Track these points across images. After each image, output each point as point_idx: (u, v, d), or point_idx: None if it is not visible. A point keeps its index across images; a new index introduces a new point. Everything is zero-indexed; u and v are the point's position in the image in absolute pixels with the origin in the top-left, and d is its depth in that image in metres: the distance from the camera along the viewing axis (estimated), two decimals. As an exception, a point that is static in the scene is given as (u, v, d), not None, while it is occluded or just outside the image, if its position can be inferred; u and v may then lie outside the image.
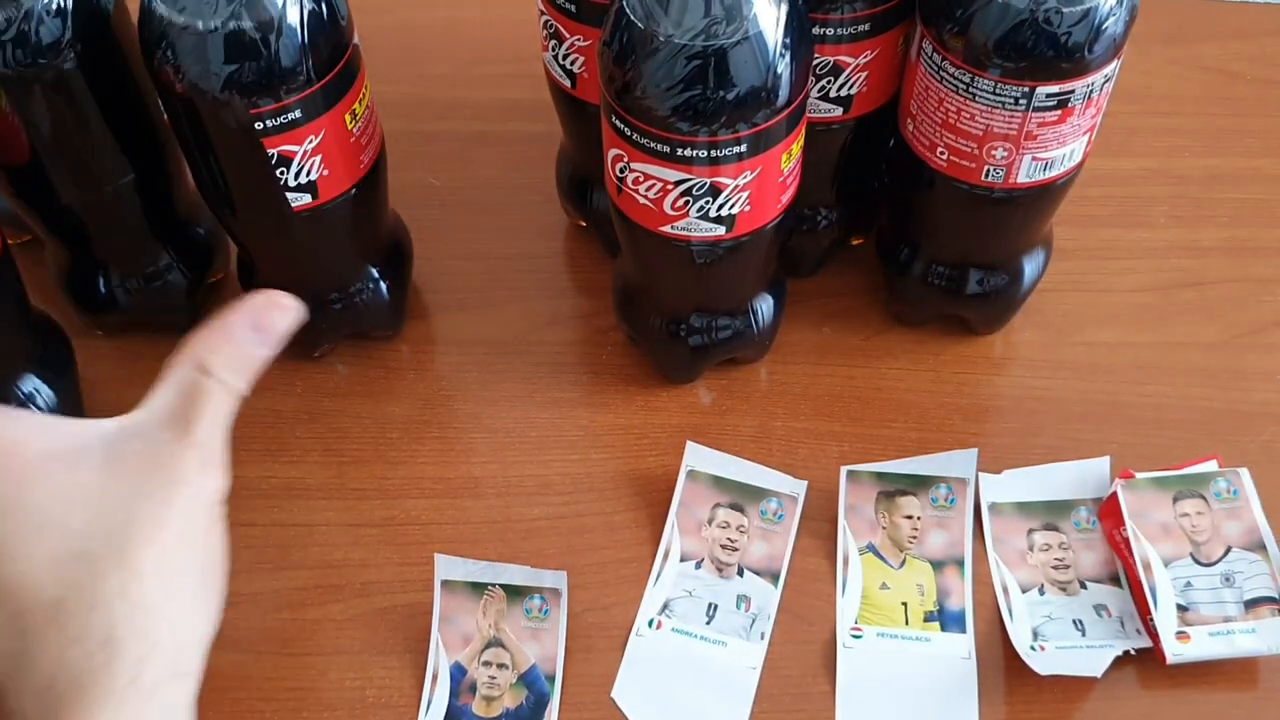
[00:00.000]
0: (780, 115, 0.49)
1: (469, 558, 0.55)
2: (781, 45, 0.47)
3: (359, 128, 0.54)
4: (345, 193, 0.55)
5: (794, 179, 0.54)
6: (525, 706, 0.53)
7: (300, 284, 0.50)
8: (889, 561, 0.56)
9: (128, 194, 0.58)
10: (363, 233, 0.60)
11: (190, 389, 0.37)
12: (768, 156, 0.50)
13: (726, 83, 0.47)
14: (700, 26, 0.46)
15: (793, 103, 0.49)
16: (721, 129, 0.48)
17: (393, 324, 0.65)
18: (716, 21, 0.46)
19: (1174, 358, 0.63)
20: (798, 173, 0.54)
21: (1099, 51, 0.49)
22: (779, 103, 0.48)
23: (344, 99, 0.52)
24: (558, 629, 0.54)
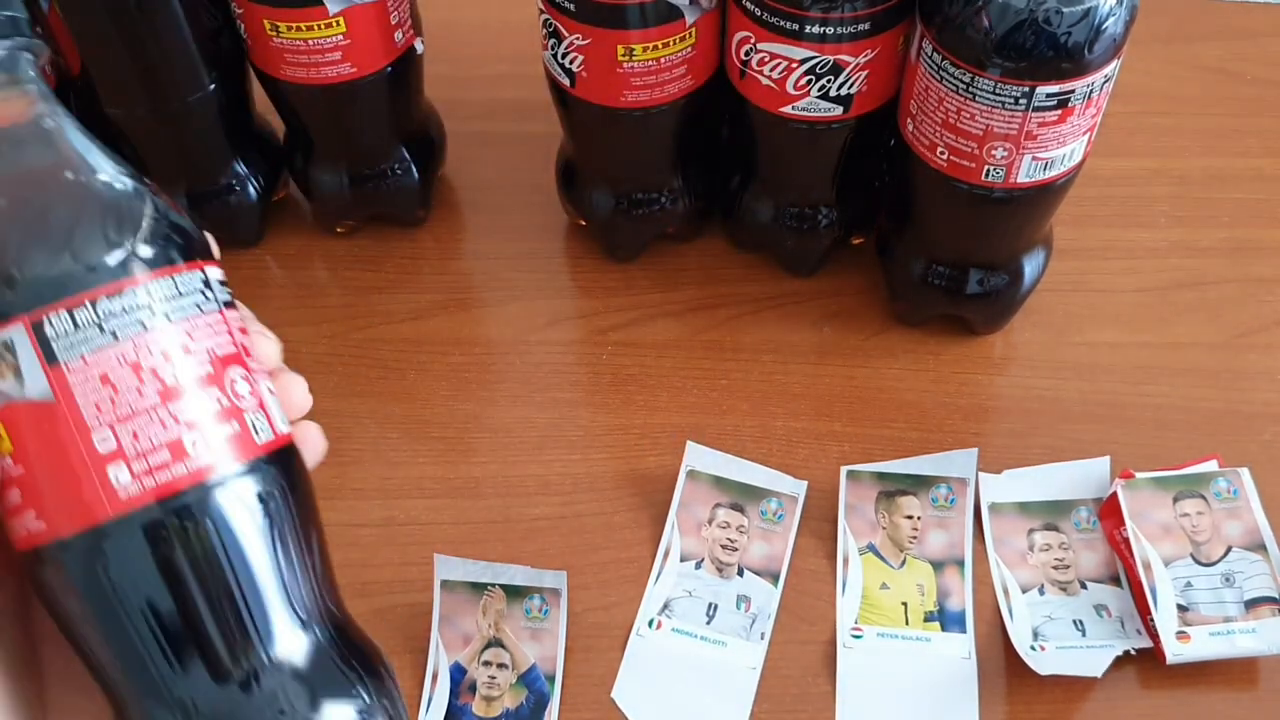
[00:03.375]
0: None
1: (469, 558, 0.55)
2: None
3: None
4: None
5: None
6: (525, 706, 0.53)
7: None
8: (889, 561, 0.56)
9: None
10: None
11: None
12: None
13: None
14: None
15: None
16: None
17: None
18: None
19: (1174, 358, 0.63)
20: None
21: (1099, 51, 0.49)
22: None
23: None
24: (558, 629, 0.54)
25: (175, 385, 0.30)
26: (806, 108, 0.57)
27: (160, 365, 0.30)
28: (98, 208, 0.31)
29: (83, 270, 0.29)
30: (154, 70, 0.60)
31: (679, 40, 0.56)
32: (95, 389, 0.29)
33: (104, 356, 0.29)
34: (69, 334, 0.29)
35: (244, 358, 0.32)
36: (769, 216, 0.64)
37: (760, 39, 0.55)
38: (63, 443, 0.29)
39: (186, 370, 0.30)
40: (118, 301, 0.30)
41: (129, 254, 0.30)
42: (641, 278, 0.68)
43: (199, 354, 0.31)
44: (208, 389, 0.31)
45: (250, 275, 0.68)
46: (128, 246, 0.30)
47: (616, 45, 0.55)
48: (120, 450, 0.29)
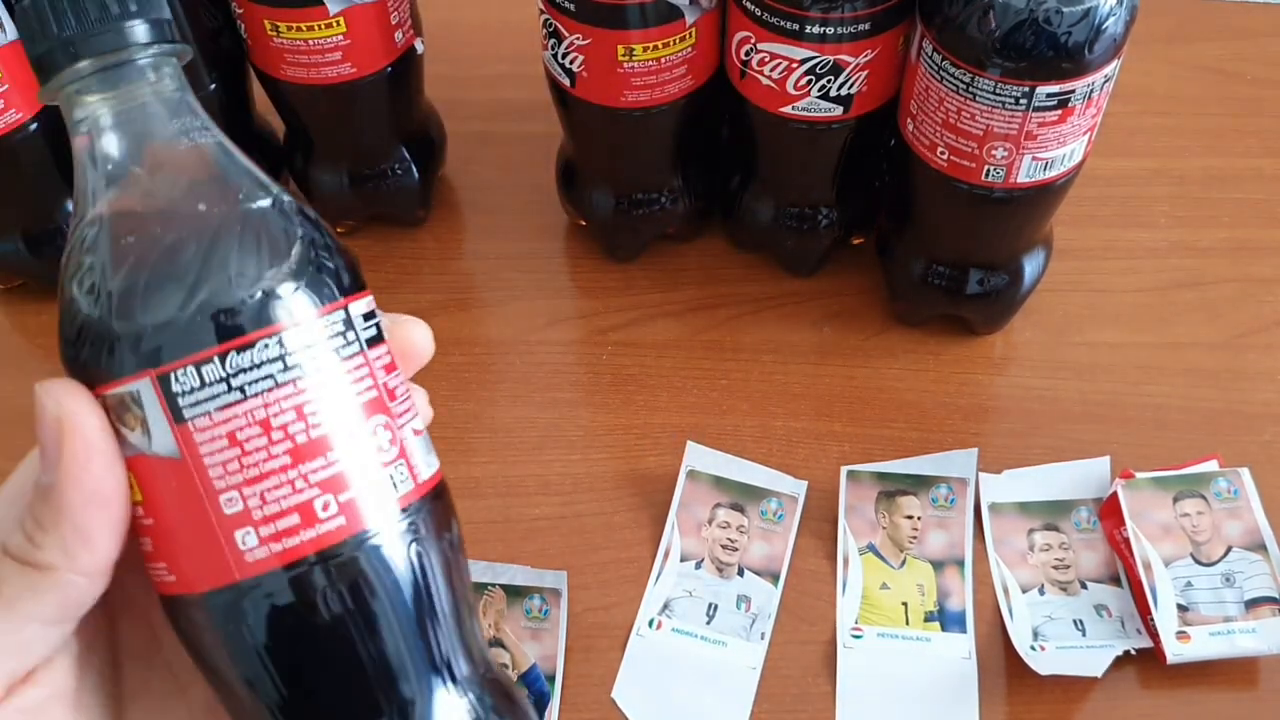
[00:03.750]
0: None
1: (469, 558, 0.55)
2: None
3: None
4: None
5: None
6: None
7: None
8: (889, 561, 0.56)
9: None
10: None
11: None
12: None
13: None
14: None
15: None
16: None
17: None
18: None
19: (1174, 358, 0.63)
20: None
21: (1099, 51, 0.49)
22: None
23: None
24: (558, 629, 0.54)
25: (306, 444, 0.28)
26: (807, 108, 0.57)
27: (291, 423, 0.28)
28: (234, 246, 0.29)
29: (213, 321, 0.28)
30: (154, 69, 0.60)
31: (679, 40, 0.56)
32: (222, 448, 0.28)
33: (231, 414, 0.28)
34: (195, 390, 0.28)
35: (385, 402, 0.30)
36: (769, 217, 0.64)
37: (760, 39, 0.55)
38: (190, 501, 0.28)
39: (320, 428, 0.28)
40: (247, 356, 0.28)
41: (263, 301, 0.28)
42: (641, 278, 0.68)
43: (334, 407, 0.29)
44: (344, 446, 0.29)
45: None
46: (262, 292, 0.28)
47: (617, 45, 0.55)
48: (247, 514, 0.28)
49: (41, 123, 0.60)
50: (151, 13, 0.30)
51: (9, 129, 0.59)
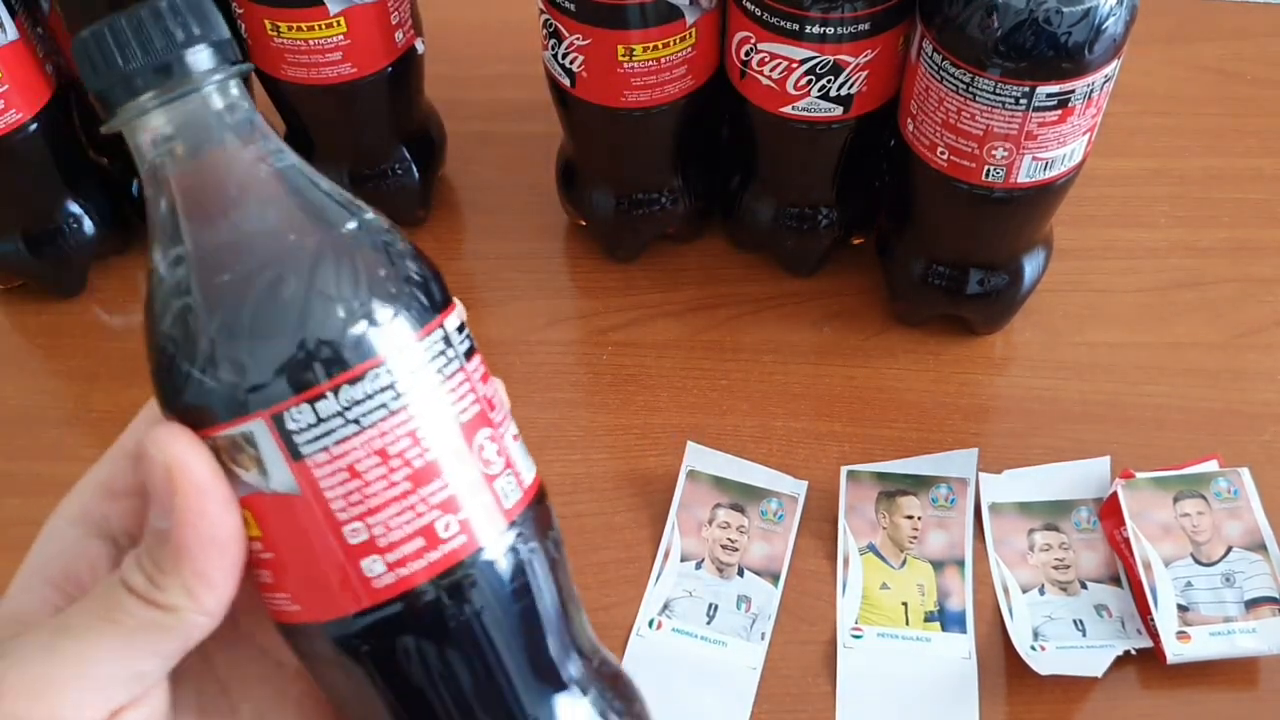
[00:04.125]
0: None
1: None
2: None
3: None
4: None
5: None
6: None
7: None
8: (889, 562, 0.56)
9: None
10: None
11: None
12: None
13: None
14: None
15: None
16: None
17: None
18: None
19: (1174, 358, 0.63)
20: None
21: (1099, 51, 0.49)
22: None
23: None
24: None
25: (424, 468, 0.28)
26: (807, 108, 0.57)
27: (408, 449, 0.28)
28: (331, 277, 0.28)
29: (322, 356, 0.28)
30: (154, 70, 0.60)
31: (679, 40, 0.56)
32: (342, 481, 0.28)
33: (349, 446, 0.28)
34: (311, 427, 0.28)
35: (487, 414, 0.31)
36: (769, 217, 0.64)
37: (760, 39, 0.55)
38: (312, 534, 0.28)
39: (434, 450, 0.29)
40: (360, 387, 0.28)
41: (368, 329, 0.28)
42: (641, 278, 0.68)
43: (445, 428, 0.29)
44: (457, 465, 0.29)
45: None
46: (367, 322, 0.28)
47: (617, 45, 0.55)
48: (372, 542, 0.28)
49: (41, 123, 0.60)
50: (213, 35, 0.29)
51: (9, 129, 0.59)
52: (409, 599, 0.28)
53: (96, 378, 0.64)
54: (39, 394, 0.64)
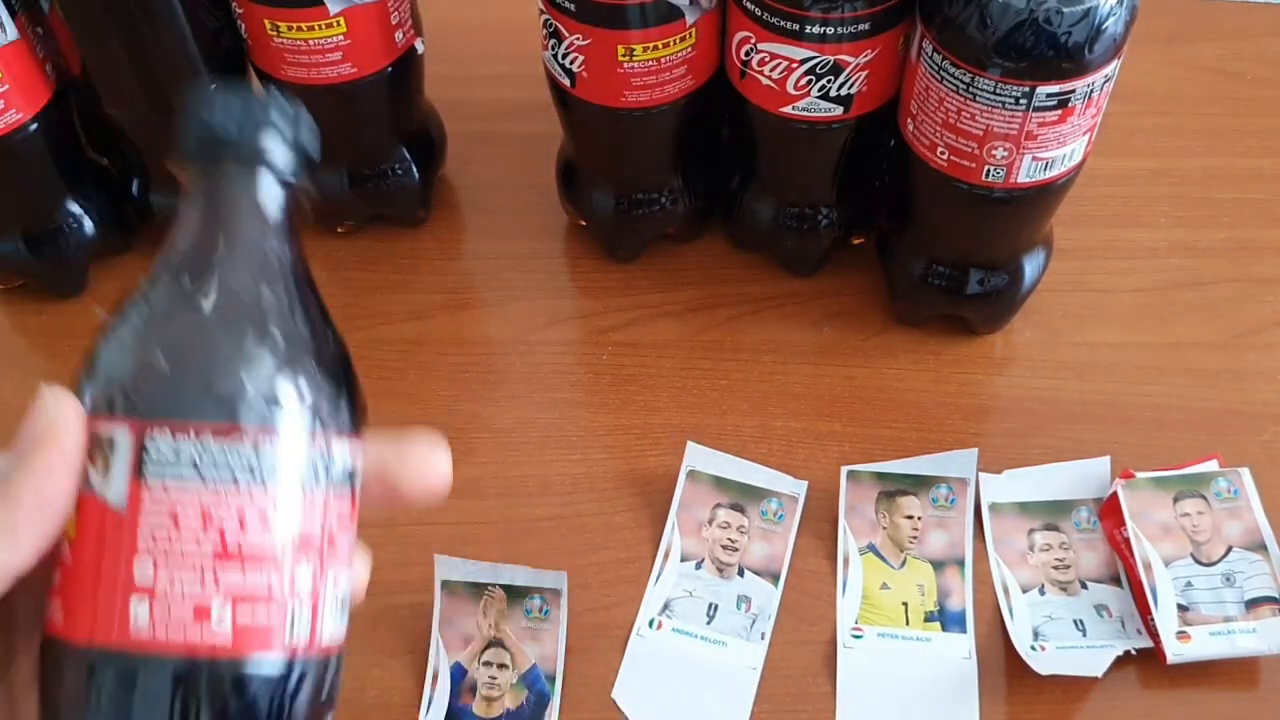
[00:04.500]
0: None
1: (469, 558, 0.55)
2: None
3: None
4: None
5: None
6: (526, 707, 0.53)
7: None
8: (889, 561, 0.56)
9: None
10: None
11: None
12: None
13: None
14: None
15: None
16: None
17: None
18: None
19: (1174, 358, 0.63)
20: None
21: (1099, 51, 0.49)
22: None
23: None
24: (558, 629, 0.54)
25: (234, 551, 0.29)
26: (807, 108, 0.57)
27: (229, 525, 0.29)
28: (263, 343, 0.30)
29: (211, 399, 0.29)
30: (154, 70, 0.59)
31: (679, 40, 0.56)
32: (162, 520, 0.29)
33: (183, 492, 0.29)
34: (163, 458, 0.29)
35: (322, 550, 0.31)
36: (769, 217, 0.64)
37: (760, 39, 0.55)
38: (110, 554, 0.29)
39: (252, 541, 0.29)
40: (222, 446, 0.29)
41: (263, 402, 0.29)
42: (641, 278, 0.68)
43: (273, 529, 0.29)
44: (263, 570, 0.29)
45: (250, 275, 0.68)
46: (266, 394, 0.29)
47: (617, 45, 0.55)
48: (151, 588, 0.28)
49: (41, 123, 0.60)
50: (306, 148, 0.33)
51: (9, 129, 0.59)
52: (151, 659, 0.28)
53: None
54: (39, 394, 0.64)
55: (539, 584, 0.55)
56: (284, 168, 0.33)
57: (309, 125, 0.33)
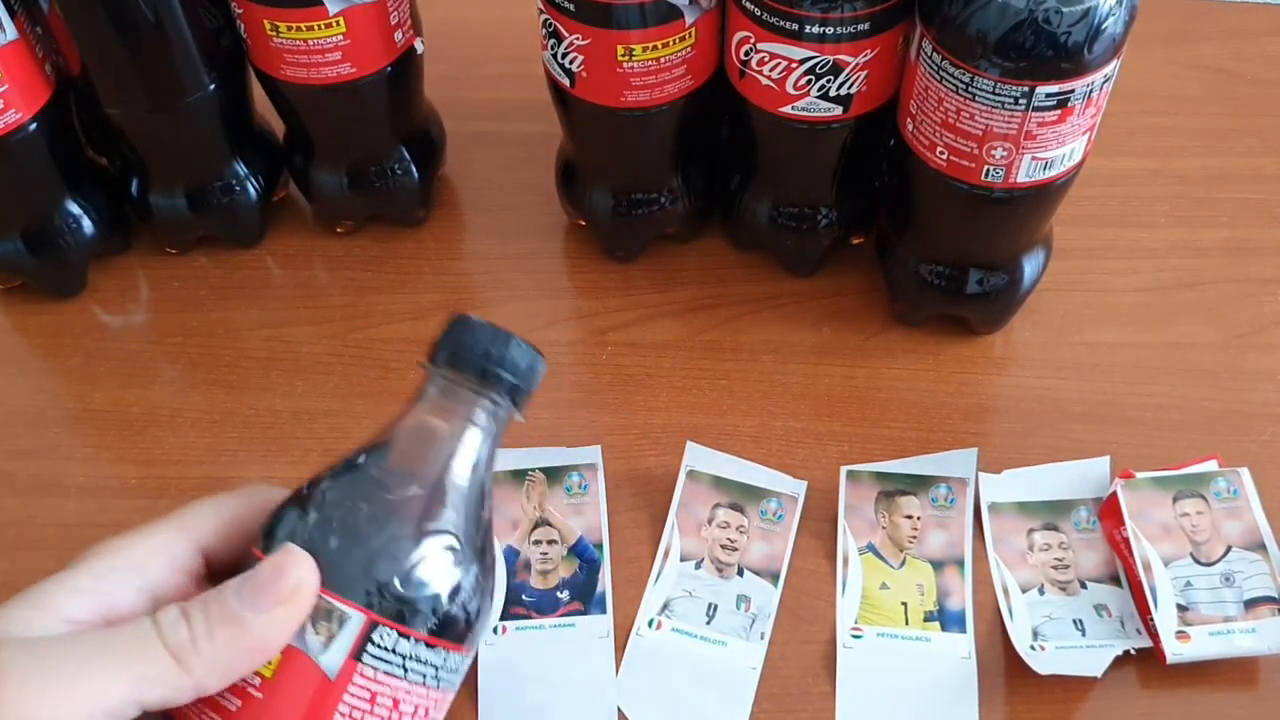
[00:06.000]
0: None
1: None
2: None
3: None
4: None
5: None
6: (580, 574, 0.56)
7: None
8: (889, 561, 0.56)
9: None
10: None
11: None
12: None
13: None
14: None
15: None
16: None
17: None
18: None
19: (1174, 358, 0.63)
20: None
21: (1099, 51, 0.49)
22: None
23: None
24: (598, 499, 0.57)
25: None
26: (806, 108, 0.57)
27: (409, 714, 0.35)
28: (475, 580, 0.37)
29: (436, 616, 0.36)
30: (154, 70, 0.60)
31: (679, 40, 0.56)
32: (362, 698, 0.34)
33: (388, 682, 0.35)
34: (383, 650, 0.34)
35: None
36: (769, 216, 0.64)
37: (760, 39, 0.55)
38: (310, 709, 0.34)
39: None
40: (429, 652, 0.36)
41: (464, 621, 0.37)
42: (641, 278, 0.68)
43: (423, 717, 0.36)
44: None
45: (250, 276, 0.68)
46: (469, 617, 0.37)
47: (616, 45, 0.55)
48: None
49: (41, 123, 0.60)
50: (531, 386, 0.41)
51: (9, 129, 0.59)
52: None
53: (96, 378, 0.64)
54: (38, 394, 0.64)
55: (574, 461, 0.58)
56: (516, 403, 0.40)
57: (541, 373, 0.41)
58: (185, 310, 0.67)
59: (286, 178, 0.70)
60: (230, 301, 0.67)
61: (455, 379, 0.39)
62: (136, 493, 0.59)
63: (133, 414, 0.63)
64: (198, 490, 0.59)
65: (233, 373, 0.64)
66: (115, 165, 0.68)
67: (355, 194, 0.67)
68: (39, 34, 0.60)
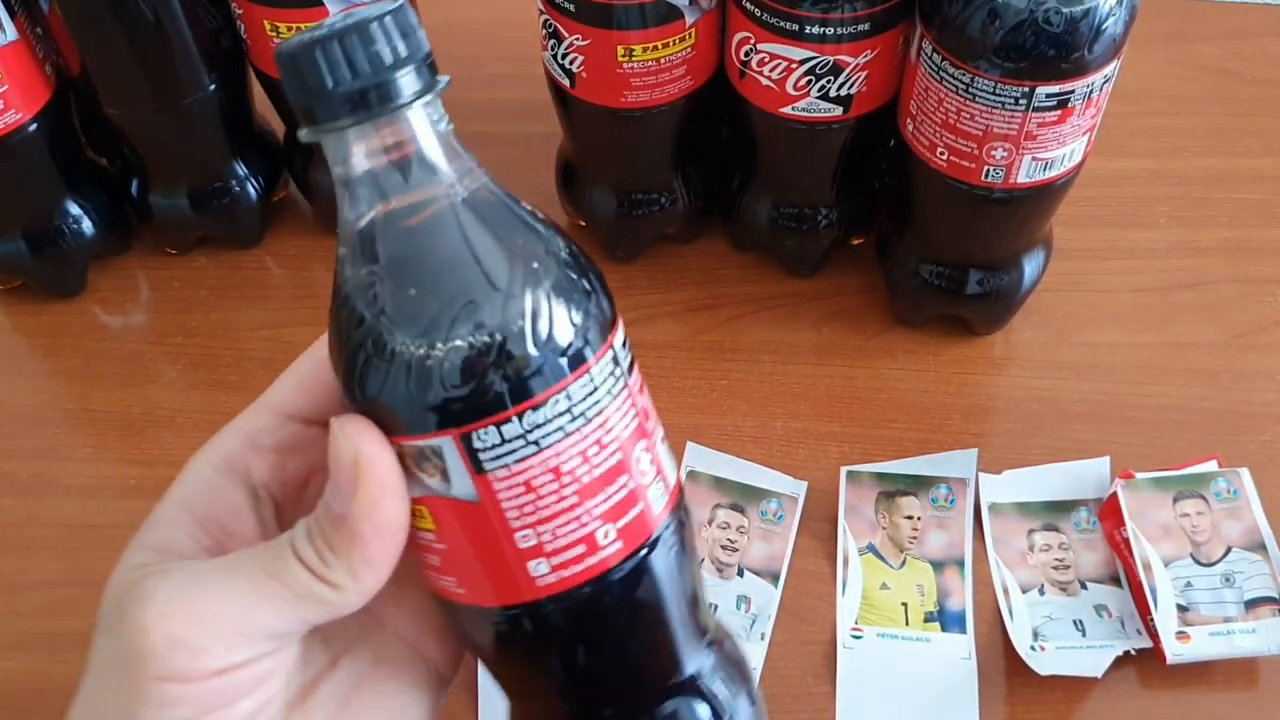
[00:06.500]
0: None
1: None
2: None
3: None
4: None
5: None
6: None
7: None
8: (889, 562, 0.56)
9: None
10: None
11: None
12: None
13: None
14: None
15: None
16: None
17: None
18: None
19: (1174, 358, 0.63)
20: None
21: (1099, 52, 0.49)
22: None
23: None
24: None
25: (590, 483, 0.31)
26: (806, 108, 0.57)
27: (578, 467, 0.30)
28: (527, 305, 0.30)
29: (511, 383, 0.29)
30: (154, 71, 0.60)
31: (679, 41, 0.56)
32: (518, 494, 0.30)
33: (527, 465, 0.30)
34: (496, 447, 0.30)
35: (644, 425, 0.33)
36: (769, 217, 0.64)
37: (760, 39, 0.55)
38: (486, 537, 0.31)
39: (601, 467, 0.31)
40: (542, 412, 0.30)
41: (554, 359, 0.30)
42: (641, 278, 0.68)
43: (612, 446, 0.31)
44: (618, 479, 0.31)
45: (250, 276, 0.68)
46: (553, 351, 0.30)
47: (616, 46, 0.55)
48: (540, 547, 0.31)
49: (41, 123, 0.60)
50: (418, 54, 0.30)
51: (9, 129, 0.59)
52: (566, 596, 0.31)
53: (96, 378, 0.64)
54: (38, 394, 0.64)
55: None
56: (418, 86, 0.31)
57: (399, 23, 0.30)
58: (185, 310, 0.67)
59: (287, 178, 0.70)
60: (230, 302, 0.67)
61: (337, 126, 0.30)
62: (136, 493, 0.59)
63: (133, 414, 0.63)
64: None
65: (233, 373, 0.64)
66: (115, 165, 0.68)
67: None
68: (39, 34, 0.60)
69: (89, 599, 0.59)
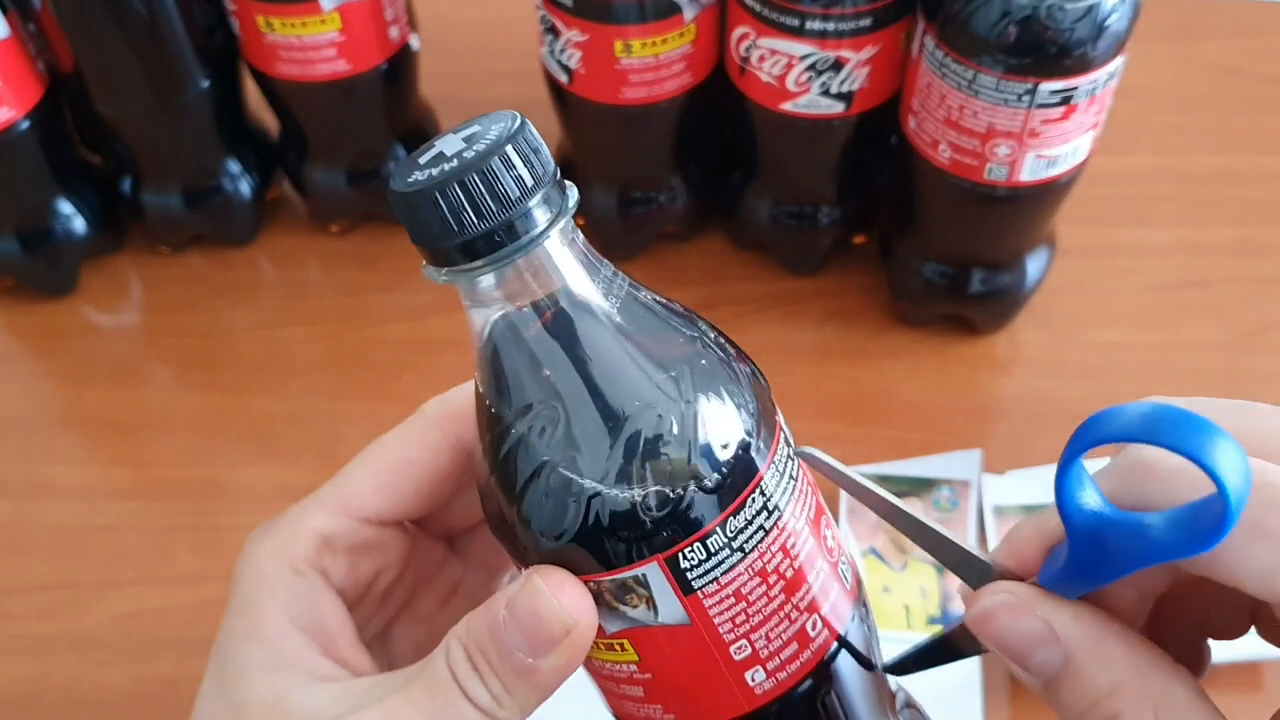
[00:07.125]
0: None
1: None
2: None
3: None
4: None
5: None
6: None
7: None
8: (891, 564, 0.56)
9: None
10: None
11: None
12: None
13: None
14: None
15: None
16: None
17: None
18: None
19: (1180, 357, 0.63)
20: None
21: (1103, 48, 0.48)
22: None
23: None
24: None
25: (794, 577, 0.30)
26: (807, 105, 0.56)
27: (781, 562, 0.29)
28: (702, 412, 0.28)
29: (709, 495, 0.28)
30: (147, 68, 0.59)
31: (678, 36, 0.55)
32: (729, 606, 0.29)
33: (735, 574, 0.29)
34: (703, 563, 0.28)
35: (821, 504, 0.32)
36: (770, 215, 0.64)
37: (760, 35, 0.54)
38: (699, 656, 0.29)
39: (800, 557, 0.30)
40: (742, 516, 0.28)
41: (743, 458, 0.28)
42: (641, 277, 0.66)
43: (804, 531, 0.30)
44: (816, 564, 0.30)
45: (244, 275, 0.68)
46: (739, 449, 0.28)
47: (614, 41, 0.55)
48: (755, 655, 0.30)
49: (33, 121, 0.60)
50: (546, 179, 0.28)
51: (1, 127, 0.58)
52: (784, 698, 0.30)
53: (88, 378, 0.64)
54: (29, 395, 0.64)
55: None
56: (550, 214, 0.28)
57: (523, 148, 0.27)
58: (178, 310, 0.66)
59: (280, 176, 0.69)
60: (224, 301, 0.67)
61: (468, 270, 0.28)
62: (129, 495, 0.59)
63: (125, 415, 0.62)
64: (191, 492, 0.59)
65: (226, 373, 0.64)
66: (108, 163, 0.67)
67: (351, 192, 0.66)
68: (31, 31, 0.59)
69: (80, 602, 0.59)
